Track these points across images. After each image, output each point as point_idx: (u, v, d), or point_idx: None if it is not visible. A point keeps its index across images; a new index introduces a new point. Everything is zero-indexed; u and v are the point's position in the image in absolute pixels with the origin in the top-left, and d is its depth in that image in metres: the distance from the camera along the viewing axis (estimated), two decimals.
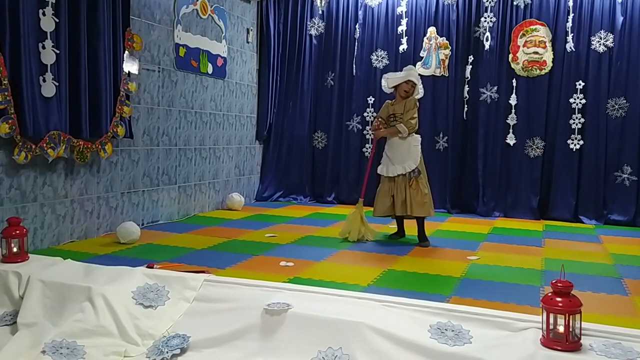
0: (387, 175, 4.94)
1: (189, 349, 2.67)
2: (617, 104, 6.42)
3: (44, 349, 2.58)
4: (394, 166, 4.90)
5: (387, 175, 4.94)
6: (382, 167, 5.02)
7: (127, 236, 4.56)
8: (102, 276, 3.08)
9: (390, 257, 4.42)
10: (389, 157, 4.96)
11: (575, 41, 6.54)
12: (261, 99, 7.57)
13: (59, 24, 4.23)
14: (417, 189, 4.82)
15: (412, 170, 4.83)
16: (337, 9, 7.41)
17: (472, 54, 6.89)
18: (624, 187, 6.43)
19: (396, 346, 2.48)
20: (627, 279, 3.97)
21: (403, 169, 4.85)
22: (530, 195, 6.68)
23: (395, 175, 4.87)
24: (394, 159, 4.92)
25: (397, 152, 4.92)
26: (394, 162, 4.91)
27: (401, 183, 4.85)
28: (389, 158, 4.96)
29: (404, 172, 4.84)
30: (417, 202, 4.80)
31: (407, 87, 4.96)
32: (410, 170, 4.83)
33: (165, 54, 5.66)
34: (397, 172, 4.86)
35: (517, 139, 6.74)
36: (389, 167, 4.93)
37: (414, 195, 4.81)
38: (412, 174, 4.83)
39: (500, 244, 5.06)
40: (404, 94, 4.97)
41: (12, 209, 4.05)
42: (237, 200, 6.68)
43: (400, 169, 4.86)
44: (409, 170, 4.83)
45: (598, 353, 2.26)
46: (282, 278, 3.63)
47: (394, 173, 4.88)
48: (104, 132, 4.73)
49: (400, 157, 4.89)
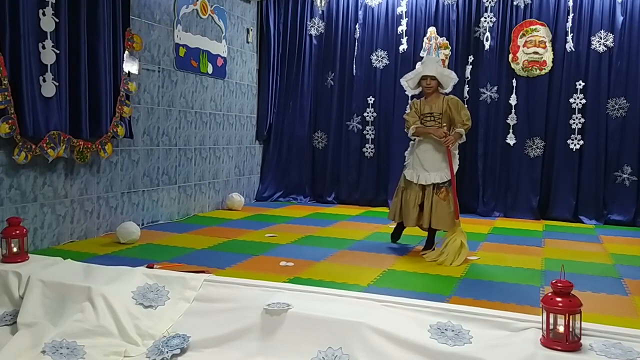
0: (418, 182, 4.44)
1: (189, 349, 2.67)
2: (617, 104, 6.42)
3: (44, 349, 2.58)
4: (428, 173, 4.41)
5: (418, 182, 4.44)
6: (411, 172, 4.50)
7: (127, 236, 4.56)
8: (102, 276, 3.08)
9: (390, 257, 4.42)
10: (422, 163, 4.45)
11: (575, 41, 6.54)
12: (261, 99, 7.57)
13: (59, 24, 4.23)
14: (447, 201, 4.37)
15: (447, 180, 4.39)
16: (337, 9, 7.41)
17: (472, 54, 6.89)
18: (624, 187, 6.43)
19: (396, 346, 2.48)
20: (627, 279, 3.98)
21: (440, 177, 4.38)
22: (530, 195, 6.68)
23: (428, 184, 4.41)
24: (429, 166, 4.42)
25: (435, 158, 4.42)
26: (428, 168, 4.42)
27: (431, 192, 4.40)
28: (421, 163, 4.45)
29: (441, 181, 4.38)
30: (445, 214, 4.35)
31: (426, 83, 4.47)
32: (445, 180, 4.38)
33: (165, 54, 5.66)
34: (431, 180, 4.39)
35: (517, 139, 6.74)
36: (422, 174, 4.43)
37: (442, 206, 4.36)
38: (444, 184, 4.39)
39: (500, 244, 5.06)
40: (427, 90, 4.48)
41: (12, 209, 4.05)
42: (237, 200, 6.68)
43: (436, 177, 4.38)
44: (445, 179, 4.38)
45: (598, 353, 2.26)
46: (282, 278, 3.63)
47: (428, 181, 4.40)
48: (104, 132, 4.73)
49: (438, 163, 4.41)
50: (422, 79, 4.48)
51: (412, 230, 5.01)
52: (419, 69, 4.57)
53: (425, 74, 4.46)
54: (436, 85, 4.49)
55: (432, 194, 4.38)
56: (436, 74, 4.46)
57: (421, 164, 4.46)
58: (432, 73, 4.45)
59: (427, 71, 4.47)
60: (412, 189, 4.47)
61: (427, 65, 4.53)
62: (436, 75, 4.46)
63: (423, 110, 4.53)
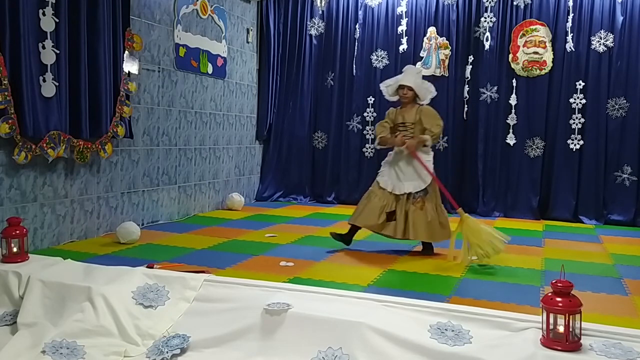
0: (392, 192, 4.41)
1: (189, 349, 2.67)
2: (617, 104, 6.42)
3: (44, 349, 2.58)
4: (402, 183, 4.39)
5: (392, 192, 4.41)
6: (385, 180, 4.48)
7: (127, 236, 4.56)
8: (102, 276, 3.08)
9: (390, 257, 4.42)
10: (397, 173, 4.44)
11: (575, 41, 6.54)
12: (261, 99, 7.57)
13: (59, 24, 4.23)
14: (424, 210, 4.32)
15: (422, 189, 4.36)
16: (337, 9, 7.41)
17: (472, 54, 6.89)
18: (624, 187, 6.43)
19: (396, 346, 2.48)
20: (627, 279, 3.97)
21: (413, 187, 4.35)
22: (530, 195, 6.68)
23: (402, 194, 4.38)
24: (403, 176, 4.41)
25: (408, 168, 4.41)
26: (402, 178, 4.40)
27: (406, 202, 4.36)
28: (396, 173, 4.44)
29: (414, 190, 4.35)
30: (423, 224, 4.30)
31: (402, 92, 4.47)
32: (419, 190, 4.35)
33: (165, 54, 5.66)
34: (404, 189, 4.37)
35: (517, 139, 6.74)
36: (396, 184, 4.41)
37: (419, 216, 4.31)
38: (418, 194, 4.35)
39: None
40: (404, 100, 4.49)
41: (12, 209, 4.05)
42: (237, 200, 6.68)
43: (410, 186, 4.36)
44: (419, 189, 4.35)
45: (598, 353, 2.26)
46: (282, 278, 3.62)
47: (401, 191, 4.38)
48: (104, 132, 4.73)
49: (411, 173, 4.40)
50: (400, 88, 4.47)
51: None
52: (399, 77, 4.55)
53: (403, 84, 4.44)
54: (412, 95, 4.46)
55: (405, 204, 4.35)
56: (414, 85, 4.43)
57: (396, 174, 4.44)
58: (409, 84, 4.42)
59: (405, 81, 4.45)
60: (383, 195, 4.43)
61: (407, 75, 4.50)
62: (414, 86, 4.43)
63: (397, 119, 4.52)
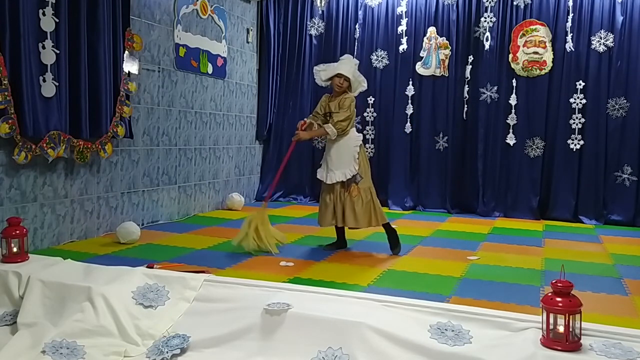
0: (325, 182, 4.38)
1: (189, 349, 2.67)
2: (617, 104, 6.42)
3: (44, 349, 2.58)
4: (333, 172, 4.34)
5: (325, 182, 4.38)
6: (321, 171, 4.46)
7: (127, 236, 4.56)
8: (102, 276, 3.08)
9: (390, 257, 4.42)
10: (327, 161, 4.40)
11: (575, 41, 6.54)
12: (261, 99, 7.57)
13: (59, 24, 4.23)
14: (358, 197, 4.31)
15: (352, 176, 4.31)
16: (337, 9, 7.41)
17: (472, 54, 6.89)
18: (624, 187, 6.43)
19: (396, 346, 2.48)
20: (627, 279, 3.98)
21: (343, 175, 4.30)
22: (530, 195, 6.68)
23: (334, 183, 4.34)
24: (332, 164, 4.36)
25: (335, 155, 4.37)
26: (332, 167, 4.35)
27: (340, 190, 4.34)
28: (327, 162, 4.41)
29: (344, 178, 4.30)
30: (356, 211, 4.30)
31: (339, 81, 4.34)
32: (350, 177, 4.31)
33: (165, 54, 5.66)
34: (335, 178, 4.32)
35: (517, 139, 6.74)
36: (328, 173, 4.37)
37: (352, 203, 4.30)
38: (351, 180, 4.31)
39: (500, 244, 5.05)
40: (337, 89, 4.38)
41: (12, 209, 4.05)
42: (237, 200, 6.68)
43: (340, 175, 4.31)
44: (348, 177, 4.30)
45: (598, 353, 2.26)
46: (282, 278, 3.63)
47: (332, 180, 4.33)
48: (104, 132, 4.73)
49: (339, 161, 4.34)
50: (337, 76, 4.35)
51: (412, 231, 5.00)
52: (336, 66, 4.43)
53: (341, 73, 4.33)
54: (347, 86, 4.39)
55: (339, 192, 4.33)
56: (352, 76, 4.36)
57: (327, 164, 4.41)
58: (347, 74, 4.33)
59: (343, 70, 4.34)
60: (323, 188, 4.44)
61: (345, 64, 4.40)
62: (351, 77, 4.36)
63: (328, 108, 4.45)
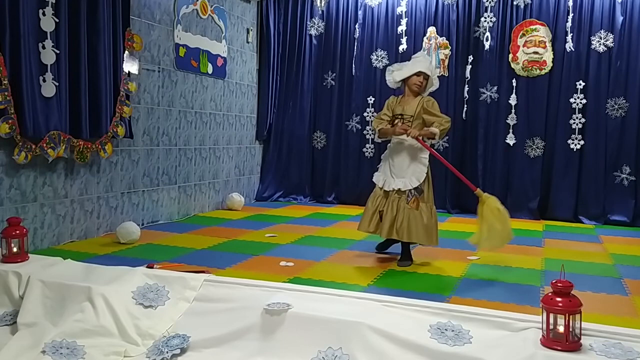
0: (382, 187, 4.15)
1: (189, 349, 2.67)
2: (617, 104, 6.42)
3: (44, 349, 2.58)
4: (393, 179, 4.09)
5: (382, 187, 4.15)
6: (379, 175, 4.22)
7: (127, 236, 4.56)
8: (102, 276, 3.08)
9: (390, 257, 4.41)
10: (391, 168, 4.14)
11: (575, 41, 6.54)
12: (261, 99, 7.57)
13: (59, 24, 4.23)
14: (422, 211, 4.01)
15: (414, 187, 4.03)
16: (337, 9, 7.41)
17: (472, 54, 6.89)
18: (624, 187, 6.43)
19: (396, 346, 2.48)
20: (627, 279, 3.98)
21: (403, 184, 4.03)
22: (530, 195, 6.68)
23: (391, 190, 4.08)
24: (395, 171, 4.11)
25: (400, 162, 4.11)
26: (394, 174, 4.11)
27: (395, 199, 4.04)
28: (389, 167, 4.16)
29: (404, 187, 4.02)
30: (417, 225, 3.97)
31: (418, 80, 4.10)
32: (412, 188, 4.02)
33: (165, 54, 5.66)
34: (394, 186, 4.06)
35: (517, 139, 6.74)
36: (387, 179, 4.12)
37: (412, 217, 3.98)
38: (413, 193, 4.02)
39: None
40: (416, 89, 4.12)
41: (12, 209, 4.05)
42: (237, 200, 6.68)
43: (400, 183, 4.04)
44: (410, 187, 4.02)
45: (598, 353, 2.26)
46: (282, 278, 3.63)
47: (390, 187, 4.08)
48: (104, 132, 4.73)
49: (403, 169, 4.08)
50: (416, 75, 4.12)
51: None
52: (413, 63, 4.19)
53: (421, 71, 4.11)
54: (425, 85, 4.17)
55: (396, 201, 4.03)
56: (431, 74, 4.15)
57: (389, 169, 4.16)
58: (428, 71, 4.12)
59: (423, 68, 4.11)
60: (375, 193, 4.19)
61: (423, 62, 4.17)
62: (431, 75, 4.15)
63: (401, 110, 4.17)
